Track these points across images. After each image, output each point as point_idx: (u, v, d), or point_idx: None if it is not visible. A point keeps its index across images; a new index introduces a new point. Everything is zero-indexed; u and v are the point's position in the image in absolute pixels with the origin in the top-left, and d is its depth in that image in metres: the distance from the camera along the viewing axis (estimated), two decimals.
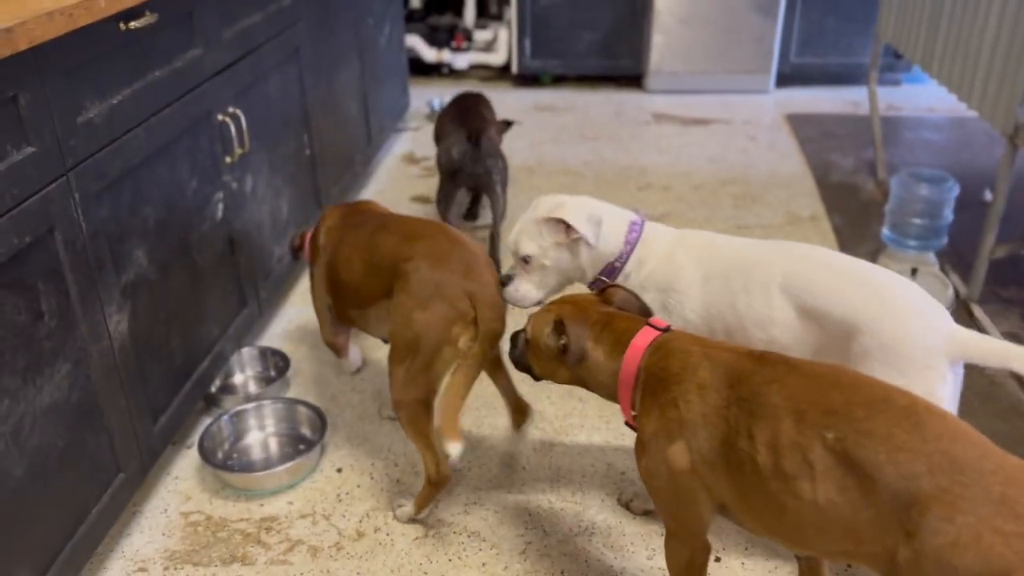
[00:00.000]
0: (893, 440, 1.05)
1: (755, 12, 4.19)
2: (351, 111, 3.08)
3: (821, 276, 1.43)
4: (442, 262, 1.62)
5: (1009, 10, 2.24)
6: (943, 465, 1.02)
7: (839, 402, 1.11)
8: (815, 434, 1.10)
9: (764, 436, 1.14)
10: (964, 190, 3.08)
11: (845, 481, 1.07)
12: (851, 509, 1.07)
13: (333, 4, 2.83)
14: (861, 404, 1.10)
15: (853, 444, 1.07)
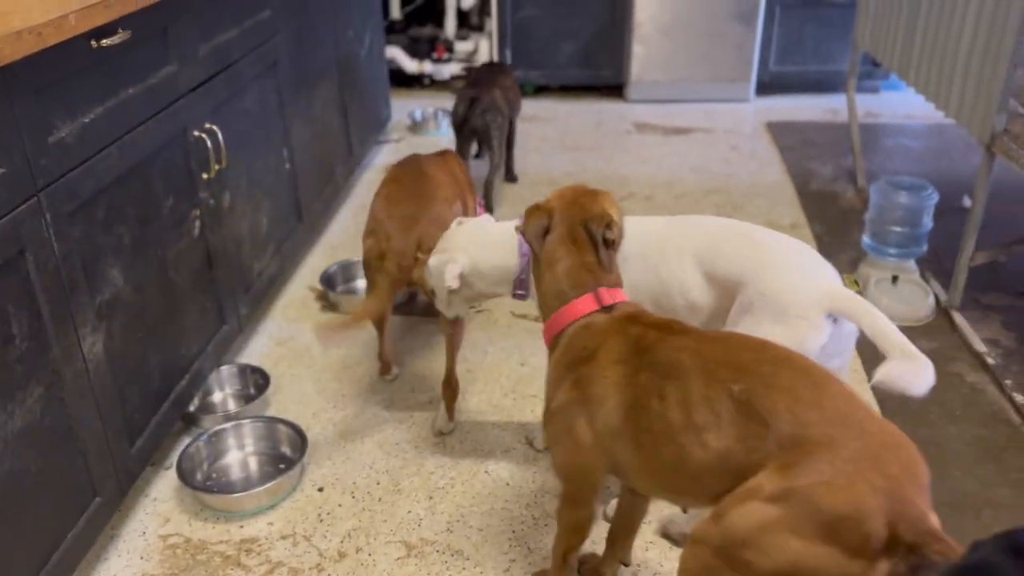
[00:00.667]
0: (794, 392, 1.15)
1: (734, 21, 4.20)
2: (332, 124, 3.06)
3: (721, 243, 1.56)
4: (389, 204, 2.06)
5: (984, 18, 2.26)
6: (834, 418, 1.12)
7: (747, 360, 1.20)
8: (724, 388, 1.19)
9: (676, 395, 1.22)
10: (943, 197, 3.09)
11: (746, 429, 1.15)
12: (747, 453, 1.15)
13: (312, 17, 2.81)
14: (768, 361, 1.19)
15: (758, 395, 1.15)
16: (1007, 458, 1.96)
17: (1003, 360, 2.29)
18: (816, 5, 4.18)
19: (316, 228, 3.04)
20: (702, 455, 1.19)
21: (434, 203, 2.06)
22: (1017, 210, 3.08)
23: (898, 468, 1.08)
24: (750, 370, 1.18)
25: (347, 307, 2.61)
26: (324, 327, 1.89)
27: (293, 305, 2.65)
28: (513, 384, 2.26)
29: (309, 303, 2.66)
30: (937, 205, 2.55)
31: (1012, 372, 2.23)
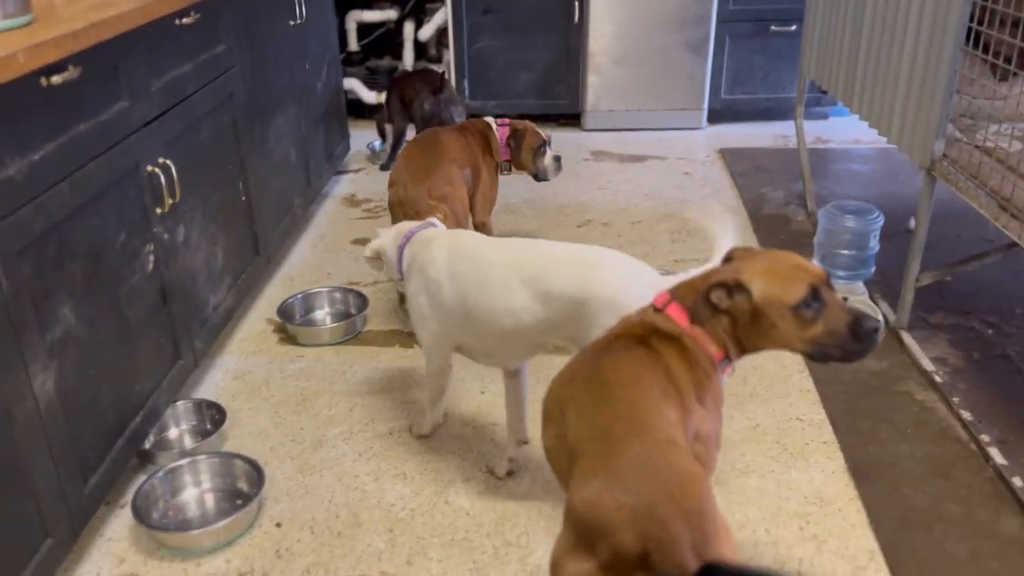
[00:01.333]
0: (581, 404, 1.30)
1: (686, 52, 4.31)
2: (289, 155, 3.07)
3: (551, 266, 1.76)
4: (407, 162, 2.61)
5: (921, 48, 2.35)
6: (601, 435, 1.23)
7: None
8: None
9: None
10: (890, 219, 3.18)
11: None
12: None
13: (268, 50, 2.83)
14: (583, 377, 1.35)
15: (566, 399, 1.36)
16: (956, 474, 2.01)
17: (951, 378, 2.35)
18: (764, 35, 4.30)
19: (274, 260, 3.03)
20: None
21: (443, 162, 2.59)
22: (961, 231, 3.18)
23: (659, 492, 1.11)
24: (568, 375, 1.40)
25: (306, 339, 2.60)
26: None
27: (250, 338, 2.64)
28: (473, 413, 2.26)
29: (267, 336, 2.65)
30: (884, 228, 2.63)
31: (959, 390, 2.30)
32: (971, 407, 2.22)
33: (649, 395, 1.29)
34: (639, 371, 1.33)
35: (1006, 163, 2.12)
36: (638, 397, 1.28)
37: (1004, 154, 2.17)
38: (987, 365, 2.40)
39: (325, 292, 2.80)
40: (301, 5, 3.15)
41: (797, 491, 1.97)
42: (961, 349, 2.48)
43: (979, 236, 3.12)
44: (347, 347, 2.58)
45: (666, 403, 1.30)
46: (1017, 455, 2.04)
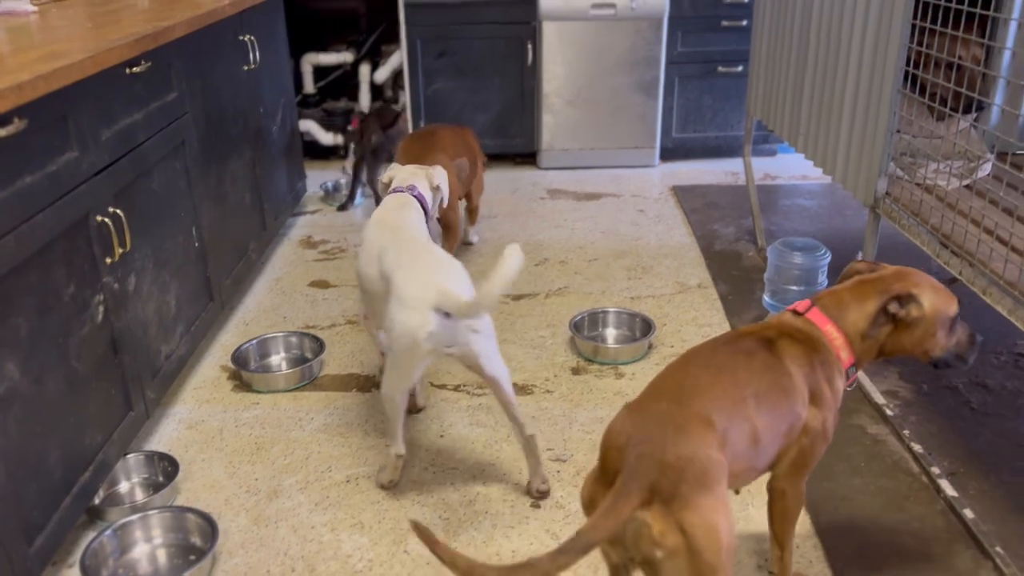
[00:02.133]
0: (673, 369, 1.51)
1: (637, 92, 4.39)
2: (243, 200, 3.05)
3: (389, 246, 2.03)
4: (404, 148, 3.11)
5: (862, 91, 2.43)
6: (657, 394, 1.44)
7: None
8: None
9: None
10: (838, 254, 3.26)
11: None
12: None
13: (221, 96, 2.82)
14: (695, 353, 1.52)
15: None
16: (909, 507, 2.05)
17: (901, 411, 2.40)
18: (711, 77, 4.41)
19: (228, 305, 3.00)
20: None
21: (435, 151, 3.03)
22: (907, 265, 3.26)
23: (657, 438, 1.29)
24: None
25: (261, 385, 2.57)
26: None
27: (204, 386, 2.59)
28: (433, 457, 2.25)
29: (221, 383, 2.61)
30: (833, 262, 2.69)
31: (910, 423, 2.34)
32: (922, 439, 2.26)
33: (724, 383, 1.42)
34: (739, 363, 1.46)
35: (945, 201, 2.20)
36: (712, 382, 1.41)
37: (943, 192, 2.24)
38: (936, 397, 2.46)
39: (281, 337, 2.77)
40: (255, 51, 3.16)
41: (755, 528, 1.98)
42: (910, 382, 2.54)
43: (924, 270, 3.20)
44: (303, 393, 2.56)
45: (757, 400, 1.42)
46: (967, 487, 2.09)
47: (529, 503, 2.07)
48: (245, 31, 3.09)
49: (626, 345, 2.72)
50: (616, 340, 2.83)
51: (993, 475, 2.13)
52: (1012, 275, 1.83)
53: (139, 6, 2.77)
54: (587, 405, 2.46)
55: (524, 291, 3.19)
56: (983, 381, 2.53)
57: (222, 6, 2.77)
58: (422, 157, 2.96)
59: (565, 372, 2.64)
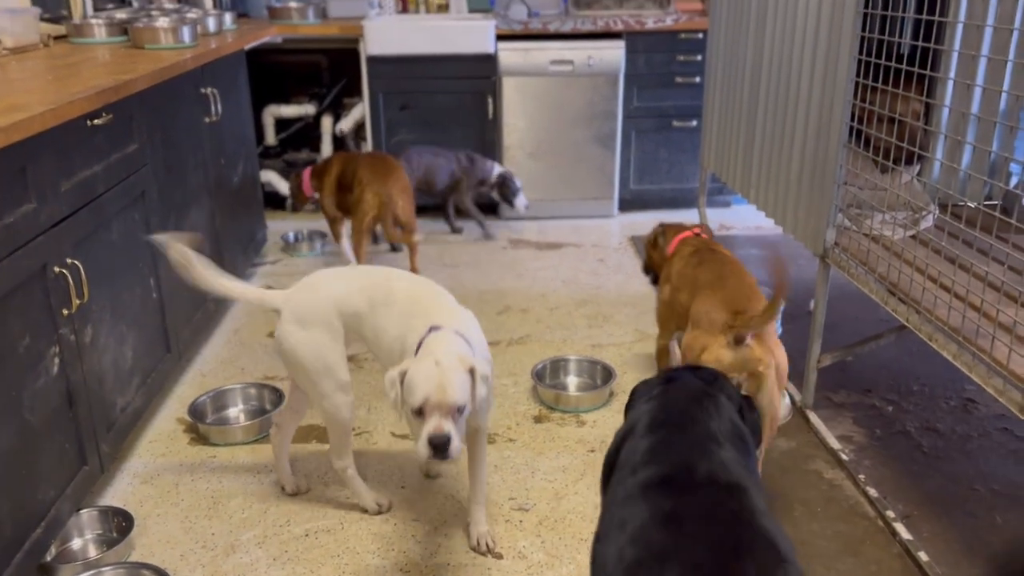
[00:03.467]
0: (700, 271, 2.44)
1: (595, 145, 4.50)
2: (203, 250, 3.03)
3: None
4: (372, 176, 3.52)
5: (809, 145, 2.53)
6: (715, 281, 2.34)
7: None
8: None
9: None
10: (792, 302, 3.34)
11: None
12: None
13: (181, 147, 2.83)
14: (699, 264, 2.44)
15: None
16: (865, 551, 2.08)
17: (856, 455, 2.45)
18: (667, 130, 4.54)
19: (185, 357, 2.96)
20: None
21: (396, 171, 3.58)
22: (859, 312, 3.36)
23: (743, 300, 2.15)
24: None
25: (218, 438, 2.53)
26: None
27: (160, 440, 2.55)
28: (394, 508, 2.23)
29: (177, 436, 2.57)
30: (786, 310, 2.75)
31: (864, 467, 2.39)
32: (876, 483, 2.31)
33: (740, 272, 2.34)
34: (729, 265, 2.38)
35: (892, 250, 2.28)
36: (736, 267, 2.37)
37: (890, 242, 2.33)
38: (889, 441, 2.51)
39: (238, 388, 2.74)
40: (216, 103, 3.18)
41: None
42: (864, 427, 2.59)
43: (876, 317, 3.29)
44: (262, 445, 2.52)
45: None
46: (921, 530, 2.13)
47: (491, 555, 2.05)
48: (207, 84, 3.11)
49: (588, 393, 2.74)
50: (578, 388, 2.85)
51: (945, 517, 2.18)
52: (955, 321, 1.90)
53: (100, 59, 2.78)
54: (549, 454, 2.47)
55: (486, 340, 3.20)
56: (934, 426, 2.59)
57: (184, 60, 2.79)
58: (387, 179, 3.45)
59: (527, 421, 2.65)
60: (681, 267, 2.45)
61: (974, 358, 1.81)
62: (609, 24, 4.30)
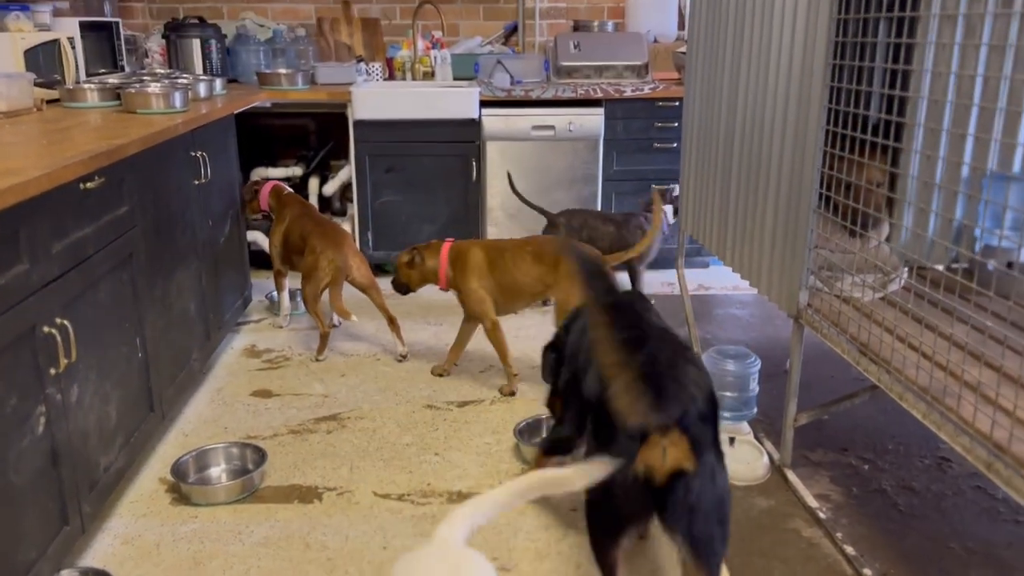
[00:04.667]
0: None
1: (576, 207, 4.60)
2: (189, 310, 3.07)
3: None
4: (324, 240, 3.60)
5: (781, 210, 2.62)
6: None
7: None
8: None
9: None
10: (770, 361, 3.40)
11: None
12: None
13: (171, 209, 2.89)
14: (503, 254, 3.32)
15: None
16: None
17: (833, 514, 2.48)
18: (646, 193, 4.64)
19: (169, 416, 2.97)
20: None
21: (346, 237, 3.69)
22: (834, 371, 3.42)
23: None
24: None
25: (200, 498, 2.53)
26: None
27: (141, 500, 2.54)
28: (375, 570, 2.23)
29: (159, 496, 2.56)
30: (764, 369, 2.81)
31: (842, 525, 2.42)
32: (854, 542, 2.33)
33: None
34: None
35: (862, 311, 2.35)
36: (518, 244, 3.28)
37: (860, 303, 2.40)
38: (866, 500, 2.55)
39: (221, 448, 2.75)
40: (206, 165, 3.25)
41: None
42: (841, 485, 2.63)
43: (850, 376, 3.36)
44: (243, 505, 2.52)
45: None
46: None
47: None
48: (197, 147, 3.19)
49: None
50: None
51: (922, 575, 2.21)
52: (924, 381, 1.96)
53: (93, 123, 2.85)
54: (531, 513, 2.48)
55: (469, 398, 3.24)
56: (909, 484, 2.63)
57: (175, 124, 2.87)
58: (340, 245, 3.56)
59: (510, 479, 2.66)
60: (480, 260, 3.23)
61: (942, 417, 1.87)
62: (589, 92, 4.45)
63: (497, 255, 3.25)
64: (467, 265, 3.25)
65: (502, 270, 3.23)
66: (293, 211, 3.82)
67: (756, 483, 2.63)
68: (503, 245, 3.29)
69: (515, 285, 3.24)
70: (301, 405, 3.16)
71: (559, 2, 5.14)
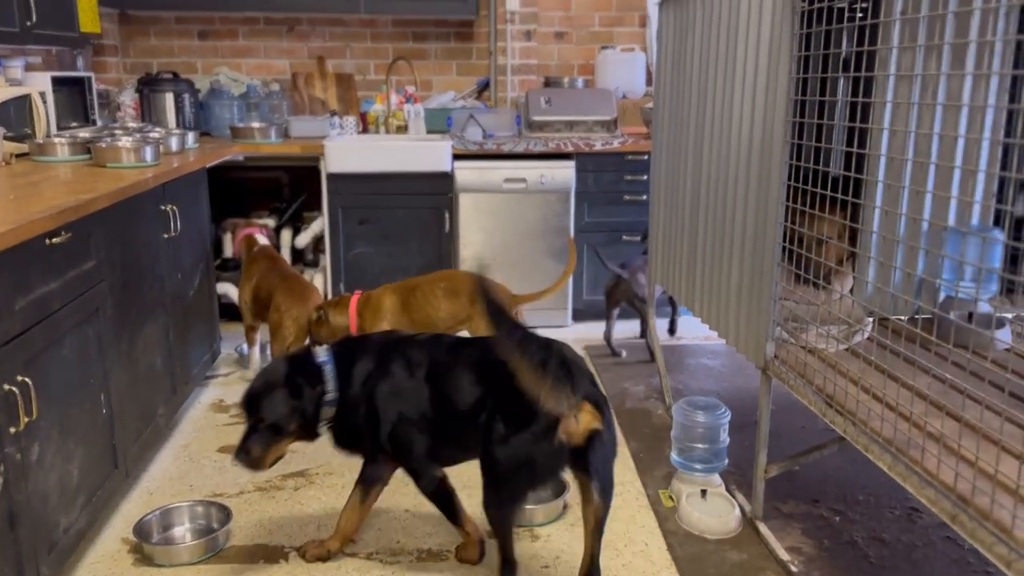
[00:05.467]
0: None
1: (549, 258, 4.64)
2: (155, 365, 3.03)
3: None
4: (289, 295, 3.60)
5: (747, 263, 2.66)
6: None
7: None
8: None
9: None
10: (741, 412, 3.41)
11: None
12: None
13: (140, 263, 2.87)
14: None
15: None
16: None
17: (805, 567, 2.47)
18: (616, 244, 4.71)
19: (133, 474, 2.91)
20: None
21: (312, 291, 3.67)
22: (804, 421, 3.44)
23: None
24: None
25: (163, 559, 2.47)
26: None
27: (102, 561, 2.48)
28: None
29: (121, 558, 2.50)
30: (736, 419, 2.82)
31: None
32: None
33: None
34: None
35: (828, 363, 2.38)
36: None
37: (825, 355, 2.43)
38: (837, 552, 2.55)
39: (186, 507, 2.69)
40: (176, 219, 3.25)
41: None
42: (813, 537, 2.63)
43: (820, 426, 3.38)
44: (208, 566, 2.47)
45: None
46: None
47: None
48: (167, 201, 3.19)
49: (541, 507, 2.74)
50: (531, 501, 2.85)
51: None
52: (889, 432, 1.98)
53: (62, 177, 2.85)
54: None
55: None
56: (880, 535, 2.63)
57: (145, 179, 2.87)
58: (305, 303, 3.54)
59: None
60: (391, 304, 3.33)
61: (908, 469, 1.88)
62: (560, 145, 4.52)
63: (408, 295, 3.33)
64: (378, 312, 3.32)
65: (415, 308, 3.30)
66: (260, 267, 3.80)
67: (728, 536, 2.62)
68: (414, 284, 3.38)
69: (430, 322, 3.29)
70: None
71: (530, 59, 5.24)
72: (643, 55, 5.24)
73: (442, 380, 2.27)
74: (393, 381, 2.29)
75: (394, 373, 2.30)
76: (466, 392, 2.22)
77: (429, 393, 2.27)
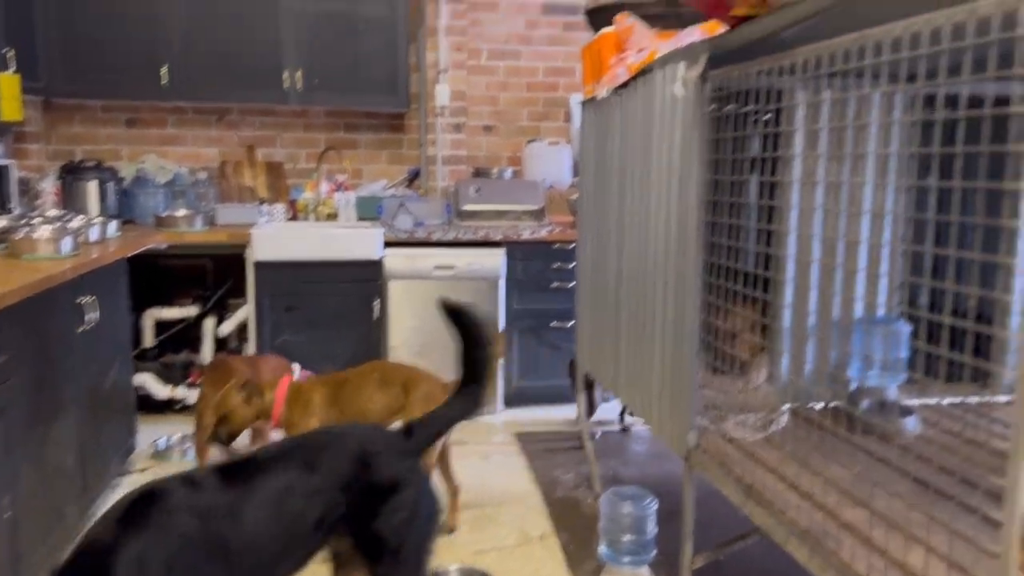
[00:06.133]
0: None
1: None
2: (65, 463, 2.91)
3: None
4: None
5: (667, 352, 2.72)
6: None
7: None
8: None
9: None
10: (670, 498, 3.42)
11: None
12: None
13: (52, 357, 2.78)
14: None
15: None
16: None
17: None
18: (545, 331, 4.77)
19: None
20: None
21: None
22: (731, 510, 3.46)
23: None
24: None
25: None
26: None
27: None
28: None
29: None
30: (664, 507, 2.83)
31: None
32: None
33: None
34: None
35: (746, 452, 2.43)
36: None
37: (744, 444, 2.48)
38: None
39: None
40: (93, 311, 3.17)
41: None
42: None
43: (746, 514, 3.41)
44: None
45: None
46: None
47: None
48: (85, 292, 3.11)
49: None
50: None
51: None
52: (805, 522, 2.02)
53: None
54: None
55: None
56: None
57: (62, 270, 2.81)
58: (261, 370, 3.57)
59: None
60: (319, 399, 3.15)
61: (825, 561, 1.91)
62: (489, 234, 4.60)
63: (337, 389, 3.19)
64: (308, 407, 3.15)
65: (345, 402, 3.16)
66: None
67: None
68: (343, 377, 3.24)
69: (361, 414, 3.16)
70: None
71: (460, 149, 5.37)
72: (569, 148, 5.42)
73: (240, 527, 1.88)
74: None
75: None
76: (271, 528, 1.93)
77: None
